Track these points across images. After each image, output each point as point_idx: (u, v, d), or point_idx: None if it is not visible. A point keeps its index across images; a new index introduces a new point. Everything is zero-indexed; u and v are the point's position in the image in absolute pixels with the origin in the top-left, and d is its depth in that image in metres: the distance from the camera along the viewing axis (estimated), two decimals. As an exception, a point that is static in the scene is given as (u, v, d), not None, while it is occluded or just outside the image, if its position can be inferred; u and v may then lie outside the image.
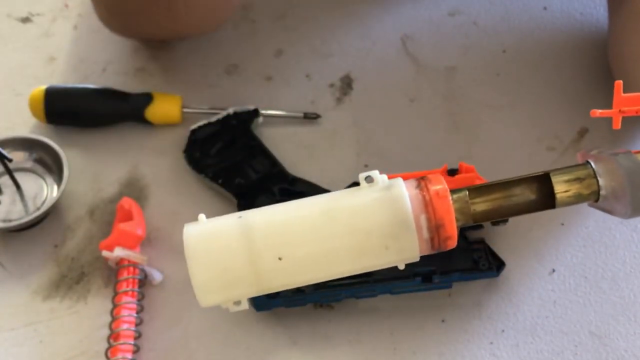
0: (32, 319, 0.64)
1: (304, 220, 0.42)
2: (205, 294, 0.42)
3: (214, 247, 0.42)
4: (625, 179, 0.41)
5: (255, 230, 0.42)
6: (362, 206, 0.41)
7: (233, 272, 0.42)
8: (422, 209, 0.41)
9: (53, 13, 0.82)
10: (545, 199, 0.43)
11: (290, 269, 0.42)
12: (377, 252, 0.41)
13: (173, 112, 0.72)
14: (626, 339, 0.62)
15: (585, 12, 0.80)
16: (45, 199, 0.68)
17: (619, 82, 0.46)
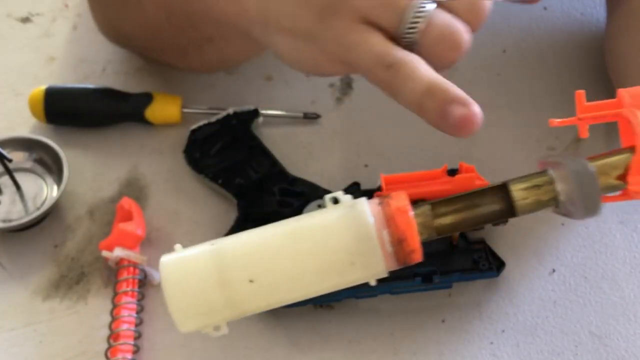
0: (31, 319, 0.64)
1: (271, 243, 0.43)
2: (183, 320, 0.44)
3: (188, 275, 0.43)
4: (574, 182, 0.42)
5: (226, 256, 0.43)
6: (327, 225, 0.42)
7: (207, 298, 0.43)
8: (384, 224, 0.42)
9: (53, 13, 0.82)
10: (507, 208, 0.44)
11: (262, 292, 0.43)
12: (345, 269, 0.42)
13: (173, 112, 0.72)
14: (626, 339, 0.62)
15: (586, 12, 0.80)
16: (45, 199, 0.68)
17: (580, 92, 0.47)
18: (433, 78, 0.46)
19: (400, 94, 0.46)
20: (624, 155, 0.43)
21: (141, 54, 0.76)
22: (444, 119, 0.45)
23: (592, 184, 0.42)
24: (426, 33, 0.47)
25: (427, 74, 0.46)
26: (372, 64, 0.47)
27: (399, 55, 0.46)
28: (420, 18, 0.47)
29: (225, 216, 0.67)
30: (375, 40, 0.47)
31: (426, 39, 0.47)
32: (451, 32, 0.47)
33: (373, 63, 0.47)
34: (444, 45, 0.47)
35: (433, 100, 0.45)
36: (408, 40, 0.48)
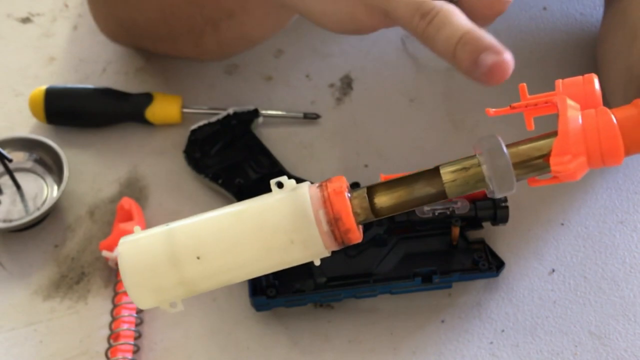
0: (32, 319, 0.64)
1: (218, 223, 0.46)
2: (139, 296, 0.46)
3: (142, 255, 0.46)
4: (487, 158, 0.44)
5: (176, 236, 0.46)
6: (269, 206, 0.45)
7: (160, 276, 0.45)
8: (320, 204, 0.45)
9: (53, 13, 0.82)
10: (440, 190, 0.45)
11: (210, 270, 0.45)
12: (285, 247, 0.45)
13: (173, 112, 0.72)
14: (626, 339, 0.62)
15: (585, 12, 0.80)
16: (45, 199, 0.68)
17: (522, 85, 0.48)
18: (467, 27, 0.46)
19: (435, 43, 0.47)
20: (548, 139, 0.45)
21: (147, 48, 0.75)
22: (477, 66, 0.45)
23: (502, 159, 0.44)
24: None
25: (462, 22, 0.46)
26: (410, 12, 0.48)
27: (435, 3, 0.47)
28: None
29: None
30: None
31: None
32: None
33: (410, 11, 0.48)
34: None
35: (465, 48, 0.45)
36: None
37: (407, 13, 0.48)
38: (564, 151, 0.43)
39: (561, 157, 0.43)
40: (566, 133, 0.44)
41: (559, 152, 0.44)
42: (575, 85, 0.47)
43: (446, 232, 0.63)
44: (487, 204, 0.63)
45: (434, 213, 0.62)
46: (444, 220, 0.62)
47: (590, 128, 0.44)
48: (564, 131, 0.44)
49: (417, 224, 0.63)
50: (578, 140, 0.43)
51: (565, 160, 0.43)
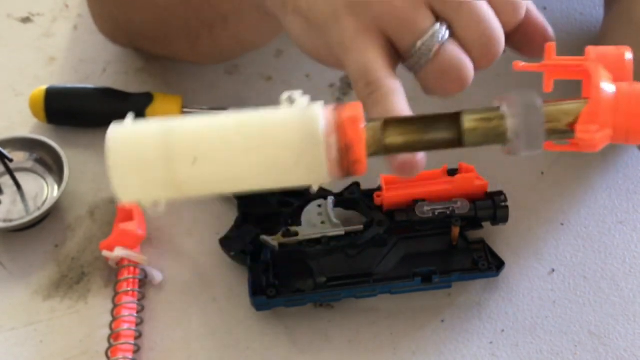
0: (32, 318, 0.64)
1: (221, 129, 0.43)
2: (122, 187, 0.43)
3: (133, 145, 0.43)
4: (522, 112, 0.43)
5: (175, 133, 0.42)
6: (278, 121, 0.43)
7: (149, 170, 0.42)
8: (333, 129, 0.42)
9: (53, 13, 0.82)
10: (457, 137, 0.44)
11: (204, 175, 0.43)
12: (288, 167, 0.42)
13: (173, 112, 0.72)
14: (626, 339, 0.62)
15: (585, 12, 0.80)
16: (45, 199, 0.68)
17: (551, 44, 0.48)
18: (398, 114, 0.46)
19: (368, 113, 0.47)
20: (578, 104, 0.44)
21: (145, 49, 0.75)
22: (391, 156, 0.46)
23: (537, 116, 0.43)
24: (433, 61, 0.48)
25: (396, 107, 0.47)
26: (357, 75, 0.48)
27: (381, 77, 0.47)
28: (433, 46, 0.47)
29: (225, 216, 0.67)
30: (371, 53, 0.48)
31: (432, 66, 0.48)
32: (457, 67, 0.48)
33: (358, 74, 0.48)
34: (446, 77, 0.48)
35: None
36: (413, 61, 0.48)
37: (355, 75, 0.48)
38: (592, 120, 0.42)
39: (588, 125, 0.42)
40: (598, 102, 0.42)
41: (587, 120, 0.43)
42: (608, 55, 0.46)
43: (446, 232, 0.63)
44: (487, 204, 0.63)
45: (434, 213, 0.62)
46: (444, 220, 0.63)
47: (623, 101, 0.42)
48: (596, 100, 0.42)
49: (417, 224, 0.63)
50: (608, 111, 0.42)
51: (592, 129, 0.42)
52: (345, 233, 0.62)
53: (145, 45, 0.74)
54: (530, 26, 0.51)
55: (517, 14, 0.50)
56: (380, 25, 0.48)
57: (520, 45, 0.52)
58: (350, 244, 0.62)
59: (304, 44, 0.53)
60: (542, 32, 0.51)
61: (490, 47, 0.48)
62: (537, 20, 0.51)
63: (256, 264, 0.62)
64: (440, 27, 0.48)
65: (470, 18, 0.47)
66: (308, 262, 0.62)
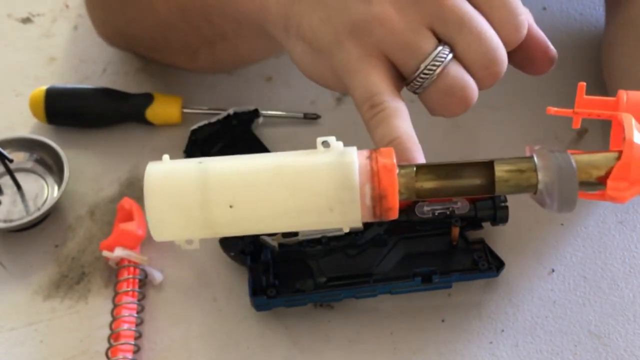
0: (32, 318, 0.64)
1: (257, 173, 0.44)
2: (159, 229, 0.44)
3: (172, 188, 0.44)
4: (555, 175, 0.43)
5: (211, 177, 0.44)
6: (314, 168, 0.44)
7: (186, 213, 0.44)
8: (368, 178, 0.43)
9: (53, 13, 0.83)
10: (487, 185, 0.45)
11: (240, 218, 0.44)
12: (322, 212, 0.44)
13: (173, 112, 0.72)
14: (625, 339, 0.62)
15: (585, 12, 0.80)
16: (45, 199, 0.68)
17: (582, 84, 0.48)
18: (400, 132, 0.47)
19: (373, 134, 0.48)
20: (608, 158, 0.44)
21: (144, 55, 0.76)
22: None
23: (572, 181, 0.43)
24: (436, 83, 0.48)
25: (400, 127, 0.47)
26: (361, 98, 0.49)
27: (385, 100, 0.48)
28: (436, 67, 0.48)
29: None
30: (375, 76, 0.49)
31: (435, 88, 0.48)
32: (461, 87, 0.48)
33: (362, 97, 0.49)
34: (450, 98, 0.48)
35: None
36: (417, 84, 0.49)
37: (360, 98, 0.49)
38: (623, 177, 0.43)
39: (619, 182, 0.43)
40: (630, 159, 0.43)
41: (618, 177, 0.43)
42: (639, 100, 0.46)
43: (446, 232, 0.63)
44: (487, 204, 0.63)
45: (434, 213, 0.62)
46: (444, 220, 0.63)
47: None
48: (628, 157, 0.43)
49: (417, 224, 0.63)
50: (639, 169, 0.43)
51: (623, 186, 0.43)
52: (345, 233, 0.62)
53: (144, 52, 0.75)
54: (532, 43, 0.51)
55: (519, 33, 0.50)
56: (382, 50, 0.49)
57: (522, 63, 0.52)
58: (350, 244, 0.62)
59: (308, 68, 0.53)
60: (544, 49, 0.52)
61: (493, 66, 0.49)
62: (538, 37, 0.51)
63: (256, 264, 0.62)
64: (443, 49, 0.48)
65: (472, 39, 0.48)
66: (308, 262, 0.62)
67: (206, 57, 0.68)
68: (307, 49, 0.52)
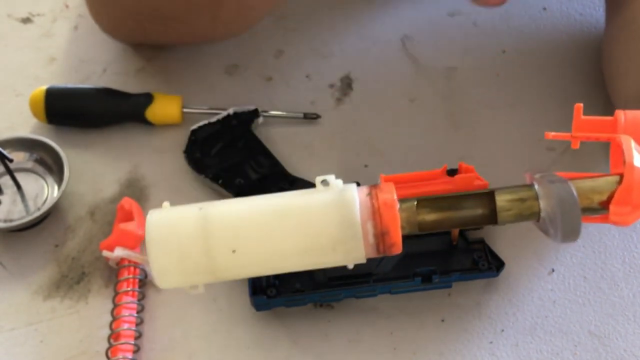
0: (32, 318, 0.64)
1: (258, 217, 0.44)
2: (164, 278, 0.45)
3: (173, 236, 0.44)
4: (557, 207, 0.43)
5: (212, 224, 0.44)
6: (314, 208, 0.44)
7: (190, 260, 0.44)
8: (369, 215, 0.43)
9: (53, 13, 0.83)
10: (489, 215, 0.45)
11: (243, 262, 0.44)
12: (325, 252, 0.44)
13: (173, 112, 0.72)
14: (625, 339, 0.62)
15: (585, 12, 0.80)
16: (46, 199, 0.68)
17: (579, 106, 0.47)
18: None
19: None
20: (610, 182, 0.44)
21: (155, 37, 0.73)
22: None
23: (574, 212, 0.43)
24: None
25: None
26: None
27: None
28: None
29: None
30: None
31: None
32: None
33: None
34: None
35: None
36: None
37: None
38: (625, 202, 0.43)
39: (622, 207, 0.43)
40: (631, 184, 0.43)
41: (620, 202, 0.43)
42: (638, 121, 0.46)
43: (446, 232, 0.63)
44: (487, 204, 0.63)
45: (434, 213, 0.62)
46: (444, 220, 0.62)
47: None
48: (629, 181, 0.43)
49: (417, 224, 0.63)
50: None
51: (626, 211, 0.43)
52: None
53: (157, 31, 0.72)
54: None
55: None
56: None
57: None
58: (350, 244, 0.62)
59: None
60: None
61: None
62: None
63: (256, 264, 0.62)
64: None
65: None
66: (308, 262, 0.62)
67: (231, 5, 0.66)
68: None
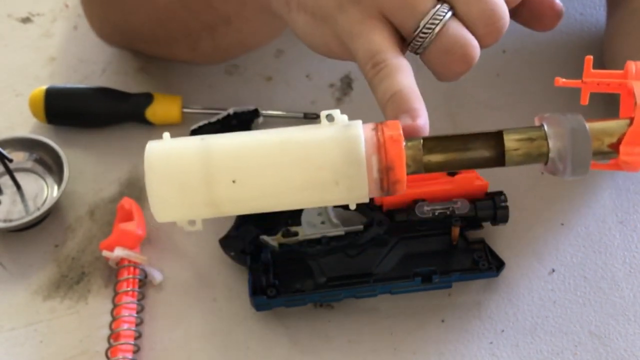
0: (32, 319, 0.64)
1: (260, 148, 0.43)
2: (161, 209, 0.44)
3: (173, 165, 0.43)
4: (569, 138, 0.43)
5: (213, 153, 0.43)
6: (318, 141, 0.43)
7: (189, 191, 0.43)
8: (374, 150, 0.42)
9: (53, 13, 0.82)
10: (497, 156, 0.44)
11: (243, 195, 0.43)
12: (328, 187, 0.43)
13: (173, 112, 0.72)
14: (626, 339, 0.62)
15: (585, 12, 0.80)
16: (45, 199, 0.68)
17: (589, 57, 0.48)
18: (402, 86, 0.47)
19: (376, 92, 0.48)
20: (620, 124, 0.44)
21: (144, 51, 0.75)
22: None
23: (585, 143, 0.43)
24: (436, 42, 0.48)
25: (401, 80, 0.47)
26: (364, 58, 0.49)
27: (388, 57, 0.48)
28: (435, 26, 0.48)
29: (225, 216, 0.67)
30: (377, 36, 0.49)
31: (435, 47, 0.48)
32: (461, 45, 0.48)
33: (365, 57, 0.49)
34: (451, 57, 0.48)
35: (392, 105, 0.46)
36: (417, 43, 0.49)
37: (363, 59, 0.49)
38: (636, 142, 0.42)
39: (632, 147, 0.43)
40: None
41: (631, 142, 0.43)
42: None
43: (446, 232, 0.63)
44: (487, 204, 0.63)
45: (434, 213, 0.62)
46: (444, 220, 0.62)
47: None
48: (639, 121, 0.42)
49: (417, 224, 0.63)
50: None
51: (636, 151, 0.42)
52: (345, 233, 0.62)
53: (144, 47, 0.74)
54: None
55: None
56: (383, 11, 0.49)
57: (529, 19, 0.52)
58: (350, 244, 0.62)
59: (311, 40, 0.53)
60: (550, 3, 0.51)
61: (493, 22, 0.48)
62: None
63: (256, 264, 0.62)
64: (442, 7, 0.48)
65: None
66: (308, 262, 0.62)
67: (208, 44, 0.67)
68: (310, 19, 0.52)
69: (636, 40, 0.66)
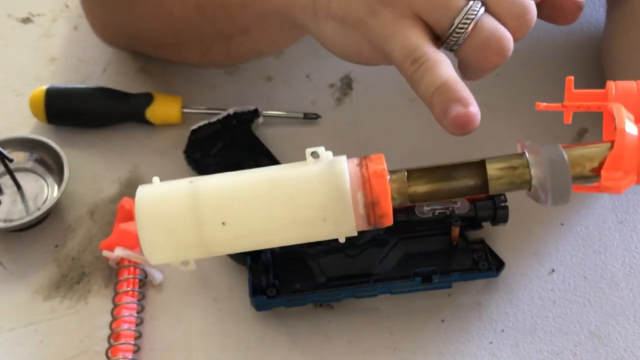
0: (32, 318, 0.64)
1: (247, 189, 0.44)
2: (153, 251, 0.45)
3: (163, 209, 0.44)
4: (548, 169, 0.43)
5: (202, 196, 0.44)
6: (304, 179, 0.43)
7: (179, 234, 0.44)
8: (359, 185, 0.43)
9: (53, 13, 0.83)
10: (481, 185, 0.45)
11: (233, 235, 0.44)
12: (316, 224, 0.43)
13: (173, 112, 0.72)
14: (626, 339, 0.62)
15: (585, 12, 0.80)
16: (45, 199, 0.68)
17: (570, 78, 0.49)
18: (446, 77, 0.47)
19: (418, 88, 0.48)
20: (601, 149, 0.44)
21: (149, 53, 0.75)
22: (445, 116, 0.47)
23: (564, 174, 0.43)
24: (471, 37, 0.49)
25: (445, 72, 0.47)
26: (402, 56, 0.49)
27: (427, 51, 0.48)
28: (469, 22, 0.48)
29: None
30: (412, 34, 0.49)
31: (470, 42, 0.49)
32: (497, 39, 0.48)
33: (403, 55, 0.49)
34: (487, 51, 0.49)
35: (440, 97, 0.47)
36: (453, 40, 0.49)
37: (401, 57, 0.49)
38: (617, 167, 0.43)
39: (613, 172, 0.43)
40: (622, 148, 0.43)
41: (612, 167, 0.43)
42: (629, 91, 0.46)
43: (446, 232, 0.63)
44: (487, 204, 0.63)
45: (434, 213, 0.62)
46: (444, 220, 0.63)
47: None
48: (620, 146, 0.43)
49: (417, 224, 0.63)
50: (633, 157, 0.43)
51: (617, 176, 0.43)
52: (345, 234, 0.62)
53: (149, 50, 0.74)
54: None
55: None
56: (416, 11, 0.49)
57: (550, 14, 0.53)
58: (350, 244, 0.62)
59: (341, 47, 0.54)
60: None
61: (523, 16, 0.49)
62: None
63: (256, 264, 0.62)
64: (474, 3, 0.48)
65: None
66: (308, 262, 0.62)
67: (220, 51, 0.67)
68: (339, 26, 0.52)
69: (634, 40, 0.66)
